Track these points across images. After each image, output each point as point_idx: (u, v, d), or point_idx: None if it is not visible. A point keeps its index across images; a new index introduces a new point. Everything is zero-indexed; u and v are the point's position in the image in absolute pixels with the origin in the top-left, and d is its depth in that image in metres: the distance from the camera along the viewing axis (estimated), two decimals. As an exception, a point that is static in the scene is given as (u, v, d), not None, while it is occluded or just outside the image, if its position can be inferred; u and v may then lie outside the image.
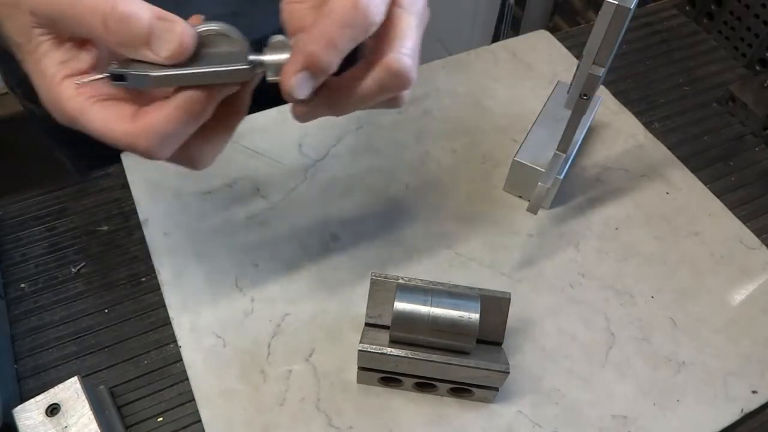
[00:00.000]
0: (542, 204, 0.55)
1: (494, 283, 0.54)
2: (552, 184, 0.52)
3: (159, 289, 0.52)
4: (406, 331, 0.43)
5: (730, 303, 0.54)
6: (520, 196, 0.60)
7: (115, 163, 0.60)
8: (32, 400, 0.42)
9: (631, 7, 0.40)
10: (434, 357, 0.43)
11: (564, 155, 0.53)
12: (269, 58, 0.35)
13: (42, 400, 0.42)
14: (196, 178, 0.58)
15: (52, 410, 0.41)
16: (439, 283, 0.46)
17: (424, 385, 0.47)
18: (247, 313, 0.51)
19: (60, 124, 0.75)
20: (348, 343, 0.50)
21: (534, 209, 0.53)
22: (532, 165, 0.56)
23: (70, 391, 0.42)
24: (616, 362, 0.50)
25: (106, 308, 0.52)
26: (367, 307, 0.46)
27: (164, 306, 0.51)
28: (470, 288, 0.46)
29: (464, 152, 0.63)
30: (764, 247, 0.58)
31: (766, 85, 0.68)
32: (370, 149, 0.62)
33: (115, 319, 0.51)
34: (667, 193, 0.61)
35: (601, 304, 0.53)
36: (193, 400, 0.47)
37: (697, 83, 0.72)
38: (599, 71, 0.44)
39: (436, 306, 0.43)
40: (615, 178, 0.62)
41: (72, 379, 0.42)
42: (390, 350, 0.44)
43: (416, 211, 0.58)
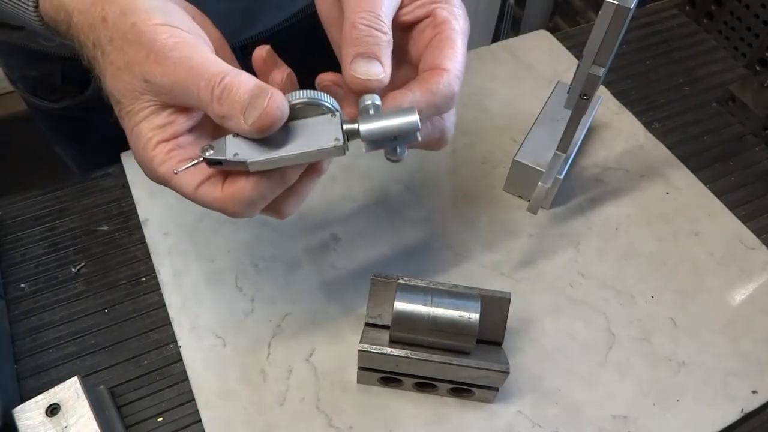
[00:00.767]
0: (542, 204, 0.55)
1: (494, 283, 0.54)
2: (552, 184, 0.52)
3: (159, 289, 0.52)
4: (406, 331, 0.43)
5: (730, 303, 0.54)
6: (520, 196, 0.60)
7: (115, 163, 0.60)
8: (32, 400, 0.42)
9: (631, 7, 0.40)
10: (434, 357, 0.43)
11: (564, 155, 0.53)
12: (368, 128, 0.35)
13: (42, 400, 0.42)
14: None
15: (52, 410, 0.41)
16: (439, 283, 0.46)
17: (424, 385, 0.47)
18: (247, 313, 0.51)
19: (61, 120, 0.75)
20: (348, 343, 0.50)
21: (534, 209, 0.53)
22: (532, 165, 0.56)
23: (70, 391, 0.42)
24: (616, 362, 0.50)
25: (106, 308, 0.52)
26: (367, 307, 0.46)
27: (164, 306, 0.51)
28: (470, 288, 0.46)
29: (464, 152, 0.63)
30: (764, 247, 0.58)
31: (766, 85, 0.68)
32: (370, 149, 0.62)
33: (115, 319, 0.51)
34: (667, 193, 0.61)
35: (601, 304, 0.53)
36: (193, 400, 0.47)
37: (697, 83, 0.72)
38: (599, 71, 0.44)
39: (436, 306, 0.43)
40: (615, 178, 0.62)
41: (72, 379, 0.43)
42: (390, 350, 0.44)
43: (416, 211, 0.58)
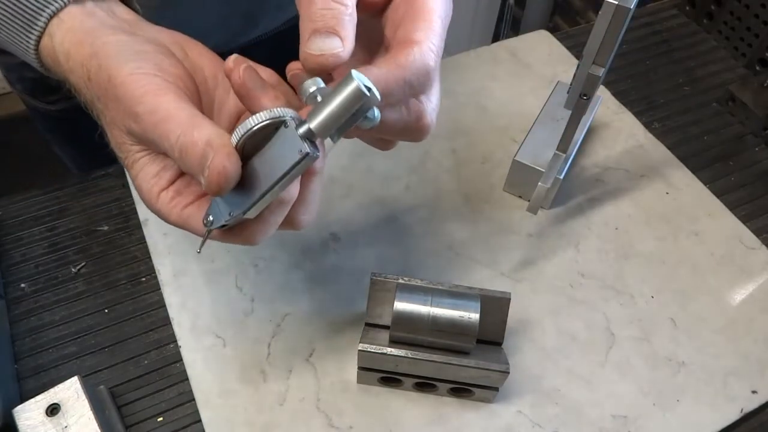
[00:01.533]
0: (542, 204, 0.55)
1: (494, 283, 0.54)
2: (552, 184, 0.52)
3: (159, 289, 0.52)
4: (406, 331, 0.43)
5: (730, 303, 0.54)
6: (520, 196, 0.60)
7: (115, 163, 0.60)
8: (32, 400, 0.42)
9: (631, 7, 0.40)
10: (434, 357, 0.43)
11: (564, 155, 0.53)
12: (319, 122, 0.31)
13: (42, 400, 0.42)
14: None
15: (52, 410, 0.41)
16: (439, 283, 0.46)
17: (424, 385, 0.47)
18: (247, 313, 0.51)
19: (59, 121, 0.75)
20: (348, 343, 0.50)
21: (534, 209, 0.53)
22: (533, 165, 0.56)
23: (70, 391, 0.42)
24: (616, 362, 0.50)
25: (106, 308, 0.52)
26: (367, 307, 0.46)
27: (164, 306, 0.51)
28: (470, 288, 0.46)
29: (464, 152, 0.63)
30: (764, 247, 0.58)
31: (766, 85, 0.68)
32: (370, 149, 0.62)
33: (115, 319, 0.51)
34: (667, 193, 0.61)
35: (601, 304, 0.53)
36: (193, 400, 0.47)
37: (697, 83, 0.72)
38: (599, 71, 0.44)
39: (436, 306, 0.43)
40: (615, 178, 0.62)
41: (72, 379, 0.43)
42: (390, 350, 0.44)
43: (416, 211, 0.58)
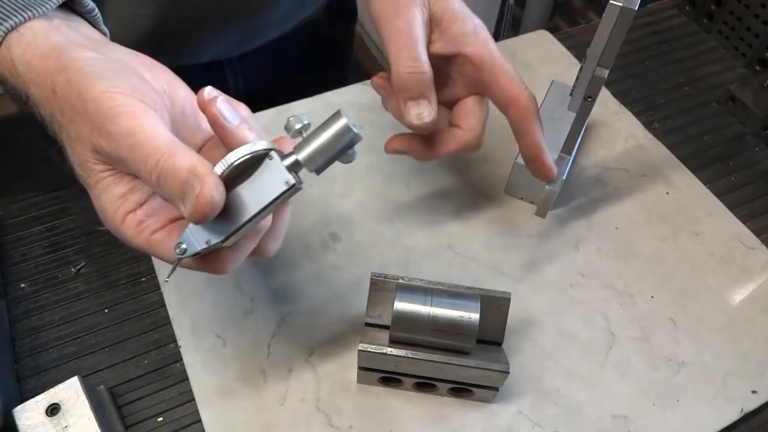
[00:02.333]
0: (550, 207, 0.55)
1: (494, 283, 0.54)
2: (558, 187, 0.52)
3: (159, 288, 0.52)
4: (406, 331, 0.43)
5: (730, 303, 0.54)
6: (521, 198, 0.59)
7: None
8: (32, 400, 0.42)
9: (636, 8, 0.40)
10: (434, 357, 0.43)
11: (569, 157, 0.53)
12: (307, 155, 0.34)
13: (42, 400, 0.42)
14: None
15: (52, 410, 0.41)
16: (439, 283, 0.46)
17: (424, 385, 0.47)
18: (247, 313, 0.51)
19: None
20: (348, 343, 0.50)
21: (543, 213, 0.52)
22: (533, 165, 0.56)
23: (70, 391, 0.42)
24: (616, 362, 0.50)
25: (106, 308, 0.52)
26: (367, 307, 0.46)
27: (164, 306, 0.51)
28: (470, 288, 0.46)
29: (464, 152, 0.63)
30: (764, 247, 0.58)
31: (766, 85, 0.68)
32: (371, 149, 0.62)
33: (115, 319, 0.51)
34: (667, 193, 0.61)
35: (601, 304, 0.53)
36: (193, 400, 0.47)
37: (697, 83, 0.72)
38: (604, 73, 0.44)
39: (436, 306, 0.43)
40: (615, 178, 0.62)
41: (72, 379, 0.43)
42: (390, 350, 0.44)
43: (416, 211, 0.58)
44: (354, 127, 0.34)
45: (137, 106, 0.33)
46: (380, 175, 0.60)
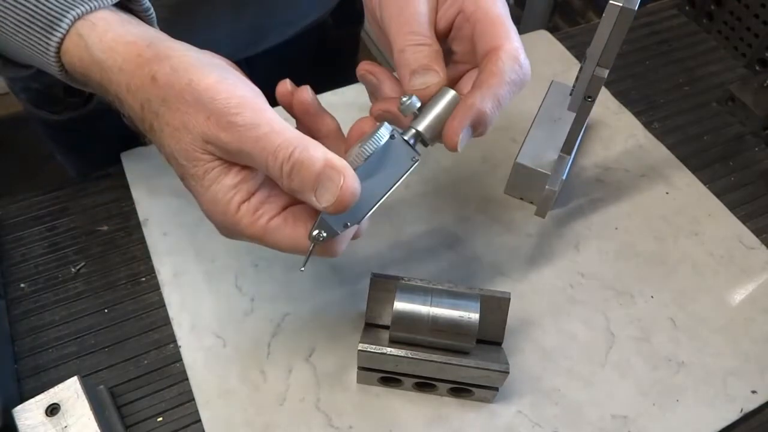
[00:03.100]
0: (549, 207, 0.55)
1: (494, 283, 0.54)
2: (558, 187, 0.52)
3: (159, 288, 0.52)
4: (406, 331, 0.43)
5: (729, 303, 0.54)
6: (521, 198, 0.60)
7: (117, 163, 0.60)
8: (32, 400, 0.42)
9: (636, 8, 0.40)
10: (434, 357, 0.43)
11: (569, 157, 0.53)
12: (425, 125, 0.38)
13: (42, 400, 0.42)
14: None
15: (52, 410, 0.41)
16: (439, 283, 0.46)
17: (424, 385, 0.47)
18: (247, 313, 0.51)
19: (64, 131, 0.75)
20: (348, 343, 0.50)
21: (542, 213, 0.53)
22: (534, 167, 0.56)
23: (70, 391, 0.42)
24: (616, 362, 0.50)
25: (106, 308, 0.52)
26: (367, 307, 0.46)
27: (164, 306, 0.51)
28: (470, 288, 0.46)
29: (464, 152, 0.62)
30: (764, 247, 0.58)
31: (765, 85, 0.68)
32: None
33: (115, 319, 0.51)
34: (667, 193, 0.61)
35: (601, 304, 0.53)
36: (193, 400, 0.47)
37: (697, 83, 0.72)
38: (604, 73, 0.44)
39: (436, 306, 0.43)
40: (615, 178, 0.62)
41: (72, 379, 0.43)
42: (390, 350, 0.44)
43: (416, 211, 0.58)
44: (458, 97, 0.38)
45: (254, 99, 0.33)
46: (380, 175, 0.60)
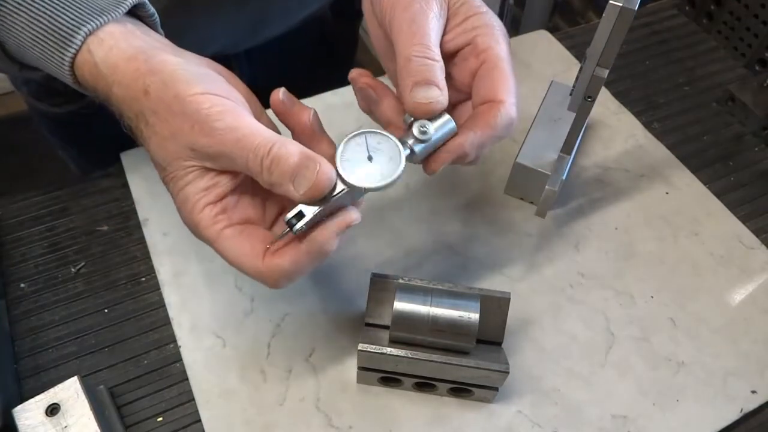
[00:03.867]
0: (550, 207, 0.55)
1: (494, 283, 0.54)
2: (558, 187, 0.52)
3: (159, 288, 0.52)
4: (406, 331, 0.43)
5: (729, 303, 0.54)
6: (521, 198, 0.60)
7: (115, 163, 0.60)
8: (32, 400, 0.42)
9: (635, 8, 0.40)
10: (434, 357, 0.43)
11: (569, 157, 0.53)
12: (422, 149, 0.40)
13: (42, 400, 0.42)
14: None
15: (52, 410, 0.41)
16: (439, 283, 0.46)
17: (424, 385, 0.47)
18: (247, 313, 0.51)
19: (64, 124, 0.75)
20: (348, 343, 0.50)
21: (543, 213, 0.53)
22: (534, 167, 0.56)
23: (70, 391, 0.42)
24: (616, 362, 0.50)
25: (106, 308, 0.52)
26: (367, 307, 0.46)
27: (164, 306, 0.51)
28: (470, 288, 0.46)
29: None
30: (763, 247, 0.58)
31: (765, 85, 0.68)
32: (370, 149, 0.62)
33: (115, 319, 0.51)
34: (667, 193, 0.61)
35: (601, 304, 0.53)
36: (193, 400, 0.47)
37: (697, 83, 0.72)
38: (604, 73, 0.44)
39: (436, 306, 0.43)
40: (615, 178, 0.62)
41: (72, 379, 0.43)
42: (390, 350, 0.44)
43: (416, 211, 0.58)
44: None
45: (235, 106, 0.36)
46: (380, 175, 0.60)
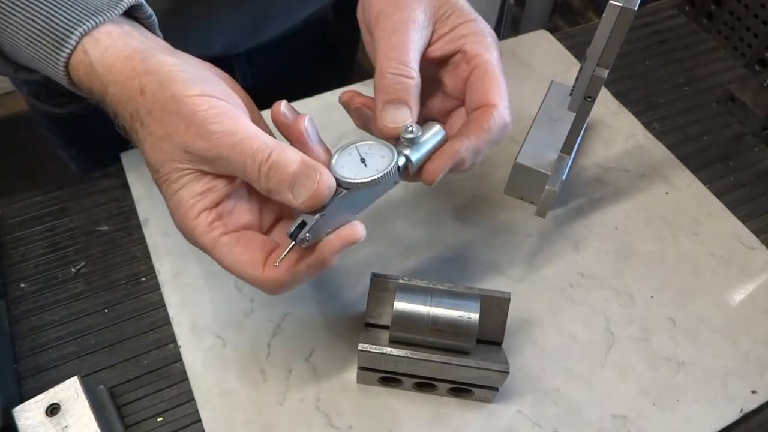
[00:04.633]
0: (550, 207, 0.55)
1: (494, 283, 0.54)
2: (558, 187, 0.52)
3: (159, 289, 0.52)
4: (406, 331, 0.43)
5: (729, 303, 0.54)
6: (521, 198, 0.60)
7: (115, 163, 0.60)
8: (32, 400, 0.42)
9: (636, 8, 0.40)
10: (434, 357, 0.44)
11: (569, 157, 0.53)
12: (417, 158, 0.40)
13: (42, 400, 0.42)
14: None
15: (52, 410, 0.41)
16: (439, 283, 0.46)
17: (424, 385, 0.47)
18: (247, 313, 0.51)
19: (65, 124, 0.75)
20: (348, 343, 0.50)
21: (543, 213, 0.52)
22: (534, 167, 0.56)
23: (70, 391, 0.42)
24: (616, 362, 0.50)
25: (106, 308, 0.52)
26: (367, 307, 0.46)
27: (164, 306, 0.51)
28: (470, 288, 0.46)
29: (464, 152, 0.63)
30: (763, 247, 0.58)
31: (765, 85, 0.68)
32: (370, 149, 0.62)
33: (115, 319, 0.51)
34: (667, 193, 0.61)
35: (601, 304, 0.53)
36: (193, 400, 0.47)
37: (697, 83, 0.72)
38: (604, 73, 0.44)
39: (436, 306, 0.43)
40: (615, 178, 0.62)
41: (72, 379, 0.43)
42: (390, 350, 0.44)
43: (416, 211, 0.58)
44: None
45: (233, 109, 0.36)
46: (380, 175, 0.60)
